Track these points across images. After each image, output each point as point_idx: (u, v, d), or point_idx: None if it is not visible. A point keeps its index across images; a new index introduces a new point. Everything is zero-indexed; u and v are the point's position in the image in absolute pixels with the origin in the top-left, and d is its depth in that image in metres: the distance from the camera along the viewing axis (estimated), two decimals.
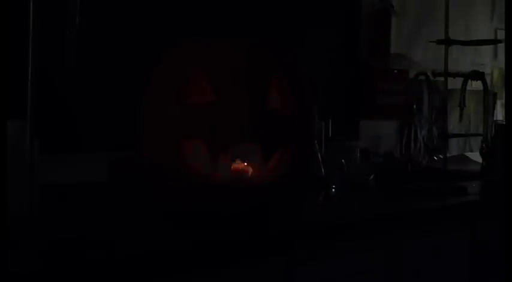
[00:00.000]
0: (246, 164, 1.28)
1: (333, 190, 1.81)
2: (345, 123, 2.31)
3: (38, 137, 1.21)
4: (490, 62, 3.02)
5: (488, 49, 2.96)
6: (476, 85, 2.54)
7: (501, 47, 2.79)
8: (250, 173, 1.28)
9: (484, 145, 2.36)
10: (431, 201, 1.74)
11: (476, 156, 2.57)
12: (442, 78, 2.53)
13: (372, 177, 1.95)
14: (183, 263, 1.07)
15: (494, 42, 2.82)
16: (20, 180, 1.14)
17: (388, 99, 2.46)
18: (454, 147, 2.78)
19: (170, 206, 1.32)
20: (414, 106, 2.51)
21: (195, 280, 1.10)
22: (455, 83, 2.51)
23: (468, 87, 2.41)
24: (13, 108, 1.16)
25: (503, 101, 2.56)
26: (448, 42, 2.46)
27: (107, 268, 0.97)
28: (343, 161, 1.90)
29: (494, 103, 2.84)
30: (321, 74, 2.25)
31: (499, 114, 2.86)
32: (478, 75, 2.45)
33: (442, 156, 2.45)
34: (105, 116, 1.69)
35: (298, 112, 1.32)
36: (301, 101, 1.34)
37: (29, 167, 1.17)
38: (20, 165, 1.15)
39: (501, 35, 2.80)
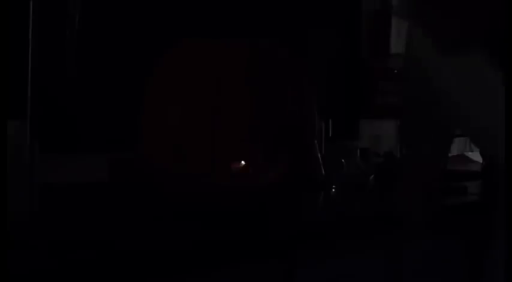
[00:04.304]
0: (246, 164, 1.28)
1: (333, 190, 1.81)
2: (344, 123, 2.31)
3: (38, 137, 1.21)
4: None
5: None
6: None
7: None
8: (250, 173, 1.28)
9: None
10: (431, 201, 1.74)
11: (476, 156, 2.57)
12: None
13: (372, 177, 1.94)
14: (183, 263, 1.07)
15: None
16: (20, 180, 1.14)
17: (388, 99, 2.46)
18: (454, 147, 2.78)
19: (170, 206, 1.32)
20: None
21: (195, 280, 1.10)
22: None
23: None
24: (13, 108, 1.16)
25: None
26: None
27: (107, 268, 0.97)
28: (343, 161, 1.90)
29: None
30: (321, 74, 2.25)
31: None
32: None
33: None
34: (105, 116, 1.69)
35: (298, 112, 1.32)
36: (301, 101, 1.34)
37: (29, 167, 1.17)
38: (20, 165, 1.15)
39: None
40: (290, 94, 1.32)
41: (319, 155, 1.86)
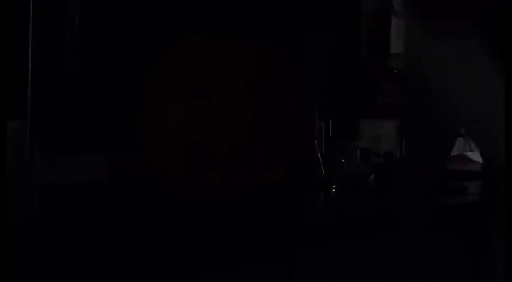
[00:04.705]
0: (245, 164, 1.28)
1: (333, 190, 1.81)
2: (344, 123, 2.31)
3: (38, 137, 1.21)
4: None
5: None
6: None
7: None
8: (250, 173, 1.28)
9: None
10: (431, 201, 1.74)
11: (476, 156, 2.57)
12: None
13: (372, 177, 1.94)
14: (183, 263, 1.07)
15: None
16: (20, 180, 1.14)
17: (388, 99, 2.46)
18: (454, 147, 2.77)
19: (170, 206, 1.32)
20: None
21: (195, 280, 1.10)
22: None
23: None
24: (13, 108, 1.16)
25: None
26: None
27: (107, 268, 0.97)
28: (343, 161, 1.90)
29: None
30: (321, 74, 2.25)
31: None
32: None
33: None
34: (105, 115, 1.69)
35: (298, 112, 1.32)
36: (301, 101, 1.34)
37: (29, 167, 1.17)
38: (20, 165, 1.15)
39: None
40: (290, 94, 1.32)
41: (319, 155, 1.86)
